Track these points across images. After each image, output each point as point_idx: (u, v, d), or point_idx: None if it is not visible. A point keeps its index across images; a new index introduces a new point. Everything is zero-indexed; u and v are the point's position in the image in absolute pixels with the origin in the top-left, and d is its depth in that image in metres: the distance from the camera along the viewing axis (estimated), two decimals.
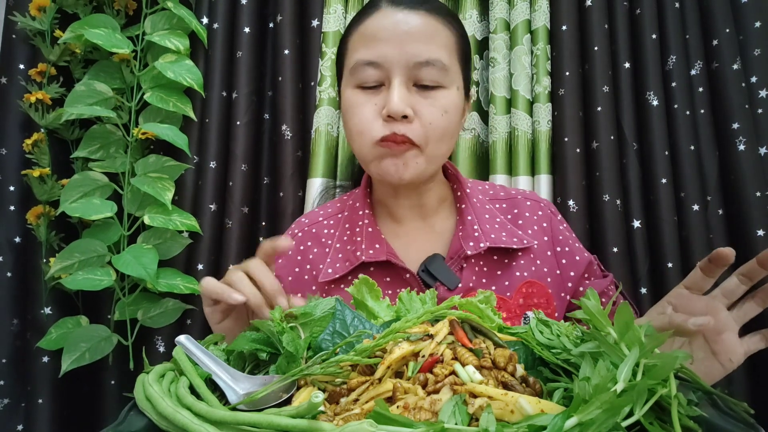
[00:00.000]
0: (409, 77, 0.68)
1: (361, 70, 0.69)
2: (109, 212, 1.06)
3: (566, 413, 0.33)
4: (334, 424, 0.36)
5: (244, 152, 1.19)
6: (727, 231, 1.13)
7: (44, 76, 1.13)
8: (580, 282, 0.79)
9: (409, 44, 0.67)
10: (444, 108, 0.70)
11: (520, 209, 0.82)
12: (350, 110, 0.71)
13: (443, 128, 0.70)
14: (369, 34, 0.70)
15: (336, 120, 1.20)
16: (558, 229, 0.82)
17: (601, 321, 0.43)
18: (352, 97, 0.71)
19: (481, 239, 0.74)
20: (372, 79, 0.69)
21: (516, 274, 0.76)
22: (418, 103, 0.68)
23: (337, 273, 0.75)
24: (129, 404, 0.43)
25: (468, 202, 0.79)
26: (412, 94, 0.69)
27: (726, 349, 0.57)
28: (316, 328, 0.53)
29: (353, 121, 0.71)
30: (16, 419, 1.09)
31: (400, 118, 0.67)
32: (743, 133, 1.12)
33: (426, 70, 0.68)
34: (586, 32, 1.19)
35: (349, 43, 0.74)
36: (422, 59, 0.67)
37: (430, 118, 0.69)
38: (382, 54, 0.68)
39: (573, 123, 1.16)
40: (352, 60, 0.71)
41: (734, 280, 0.59)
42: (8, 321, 1.11)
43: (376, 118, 0.69)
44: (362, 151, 0.72)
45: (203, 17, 1.21)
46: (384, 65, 0.68)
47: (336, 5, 1.20)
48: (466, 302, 0.57)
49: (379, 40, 0.68)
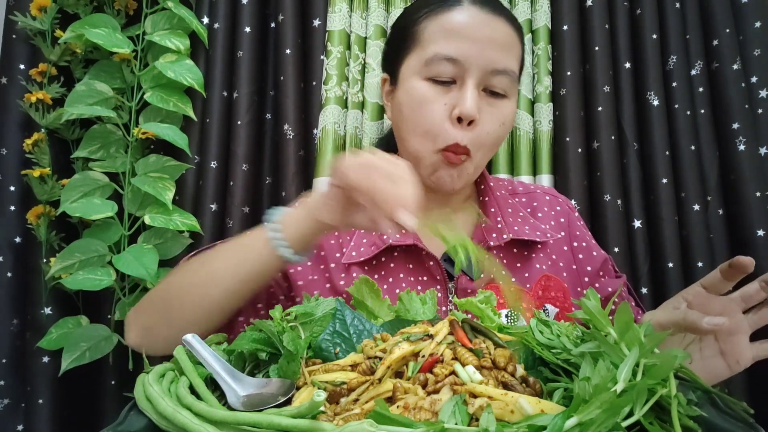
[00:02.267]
0: (482, 81, 0.68)
1: (438, 62, 0.68)
2: (110, 212, 1.06)
3: (566, 413, 0.33)
4: (334, 424, 0.36)
5: (245, 152, 1.19)
6: (727, 231, 1.13)
7: (45, 75, 1.13)
8: (596, 278, 0.80)
9: (491, 49, 0.67)
10: (503, 119, 0.70)
11: (539, 203, 0.83)
12: (418, 103, 0.69)
13: (496, 139, 0.71)
14: (451, 27, 0.68)
15: (343, 119, 1.20)
16: (575, 225, 0.82)
17: (601, 321, 0.43)
18: (423, 89, 0.69)
19: (504, 231, 0.75)
20: (447, 74, 0.68)
21: (535, 266, 0.76)
22: (484, 110, 0.68)
23: (362, 256, 0.73)
24: (129, 404, 0.43)
25: (492, 195, 0.80)
26: (481, 99, 0.68)
27: (735, 351, 0.57)
28: (316, 327, 0.53)
29: (421, 117, 0.69)
30: (16, 419, 1.09)
31: (467, 123, 0.67)
32: (743, 133, 1.12)
33: (499, 78, 0.68)
34: (587, 32, 1.19)
35: (422, 30, 0.71)
36: (500, 67, 0.67)
37: (489, 128, 0.69)
38: (464, 52, 0.67)
39: (574, 123, 1.16)
40: (429, 50, 0.69)
41: (755, 285, 0.58)
42: (8, 321, 1.11)
43: (445, 119, 0.68)
44: (421, 153, 0.71)
45: (204, 17, 1.21)
46: (464, 64, 0.67)
47: (341, 4, 1.20)
48: (465, 302, 0.57)
49: (462, 36, 0.67)
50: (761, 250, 1.06)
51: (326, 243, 0.77)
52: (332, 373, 0.47)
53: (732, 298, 0.58)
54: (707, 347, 0.59)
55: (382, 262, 0.74)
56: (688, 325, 0.54)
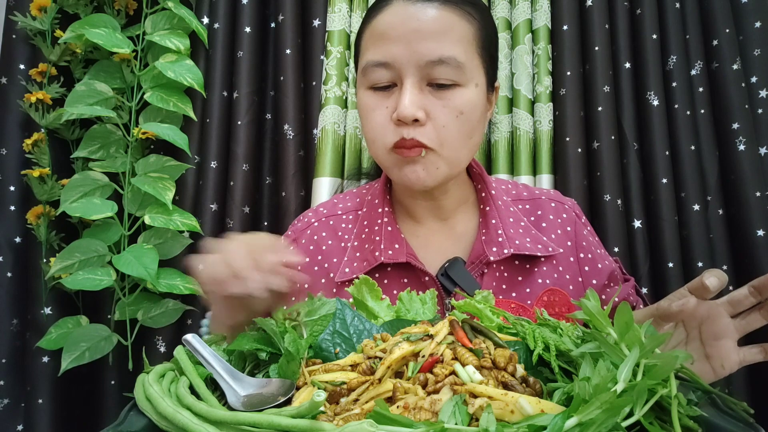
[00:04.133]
0: (422, 77, 0.65)
1: (372, 71, 0.66)
2: (110, 212, 1.06)
3: (566, 413, 0.33)
4: (334, 424, 0.36)
5: (245, 152, 1.19)
6: (727, 231, 1.13)
7: (45, 76, 1.13)
8: (603, 291, 0.76)
9: (419, 42, 0.64)
10: (459, 109, 0.66)
11: (544, 211, 0.79)
12: (363, 114, 0.69)
13: (458, 130, 0.66)
14: (378, 32, 0.67)
15: (342, 119, 1.20)
16: (582, 234, 0.79)
17: (601, 321, 0.43)
18: (365, 100, 0.69)
19: (505, 245, 0.71)
20: (384, 80, 0.66)
21: (538, 281, 0.73)
22: (432, 105, 0.65)
23: (355, 273, 0.71)
24: (129, 404, 0.43)
25: (493, 204, 0.76)
26: (425, 95, 0.65)
27: (720, 355, 0.57)
28: (317, 327, 0.53)
29: (367, 126, 0.69)
30: (16, 419, 1.09)
31: (411, 123, 0.64)
32: (743, 133, 1.12)
33: (439, 68, 0.64)
34: (587, 32, 1.19)
35: (361, 41, 0.71)
36: (434, 58, 0.64)
37: (444, 121, 0.65)
38: (392, 54, 0.65)
39: (574, 123, 1.16)
40: (364, 60, 0.68)
41: (744, 291, 0.57)
42: (8, 321, 1.11)
43: (388, 122, 0.66)
44: (378, 158, 0.70)
45: (204, 17, 1.21)
46: (394, 65, 0.65)
47: (340, 4, 1.20)
48: (464, 303, 0.57)
49: (388, 39, 0.65)
50: (761, 250, 1.06)
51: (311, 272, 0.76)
52: (332, 373, 0.47)
53: (719, 302, 0.58)
54: (693, 350, 0.59)
55: (375, 278, 0.71)
56: (661, 313, 0.55)
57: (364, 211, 0.79)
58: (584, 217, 0.83)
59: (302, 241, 0.79)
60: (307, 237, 0.80)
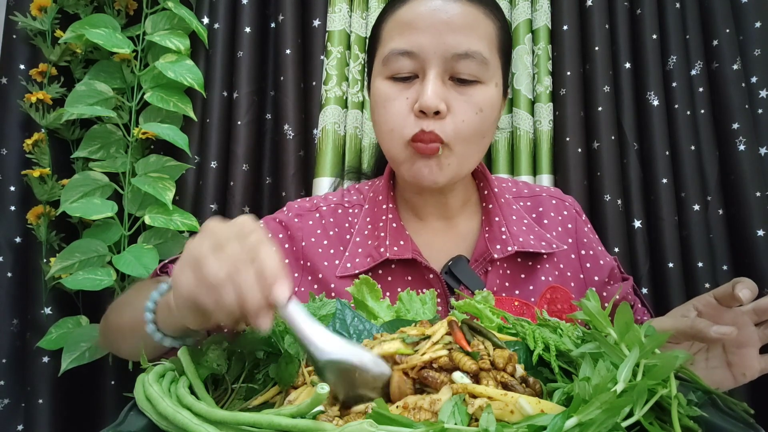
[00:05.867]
0: (446, 70, 0.65)
1: (395, 59, 0.66)
2: (110, 212, 1.06)
3: (566, 413, 0.33)
4: (334, 424, 0.36)
5: (245, 152, 1.19)
6: (727, 231, 1.13)
7: (45, 76, 1.12)
8: (604, 287, 0.76)
9: (447, 34, 0.63)
10: (479, 106, 0.66)
11: (544, 208, 0.79)
12: (381, 104, 0.68)
13: (475, 127, 0.66)
14: (404, 21, 0.66)
15: (342, 119, 1.20)
16: (583, 231, 0.79)
17: (601, 322, 0.43)
18: (384, 89, 0.67)
19: (508, 242, 0.71)
20: (406, 70, 0.66)
21: (541, 278, 0.73)
22: (453, 99, 0.65)
23: (357, 269, 0.71)
24: (129, 404, 0.43)
25: (496, 202, 0.76)
26: (447, 89, 0.65)
27: (742, 363, 0.57)
28: None
29: (384, 116, 0.67)
30: (16, 419, 1.09)
31: (432, 114, 0.64)
32: (743, 133, 1.12)
33: (464, 62, 0.64)
34: (587, 32, 1.18)
35: (382, 31, 0.70)
36: (461, 51, 0.64)
37: (464, 116, 0.65)
38: (418, 43, 0.64)
39: (574, 123, 1.15)
40: (386, 49, 0.67)
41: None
42: (8, 321, 1.11)
43: (408, 113, 0.65)
44: (392, 151, 0.68)
45: (204, 17, 1.21)
46: (420, 55, 0.64)
47: (341, 4, 1.20)
48: (464, 303, 0.57)
49: (415, 28, 0.65)
50: (761, 250, 1.06)
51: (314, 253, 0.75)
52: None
53: (744, 310, 0.57)
54: (714, 357, 0.58)
55: (379, 275, 0.71)
56: (696, 333, 0.53)
57: (367, 207, 0.78)
58: (584, 215, 0.83)
59: (309, 222, 0.78)
60: (315, 219, 0.78)
